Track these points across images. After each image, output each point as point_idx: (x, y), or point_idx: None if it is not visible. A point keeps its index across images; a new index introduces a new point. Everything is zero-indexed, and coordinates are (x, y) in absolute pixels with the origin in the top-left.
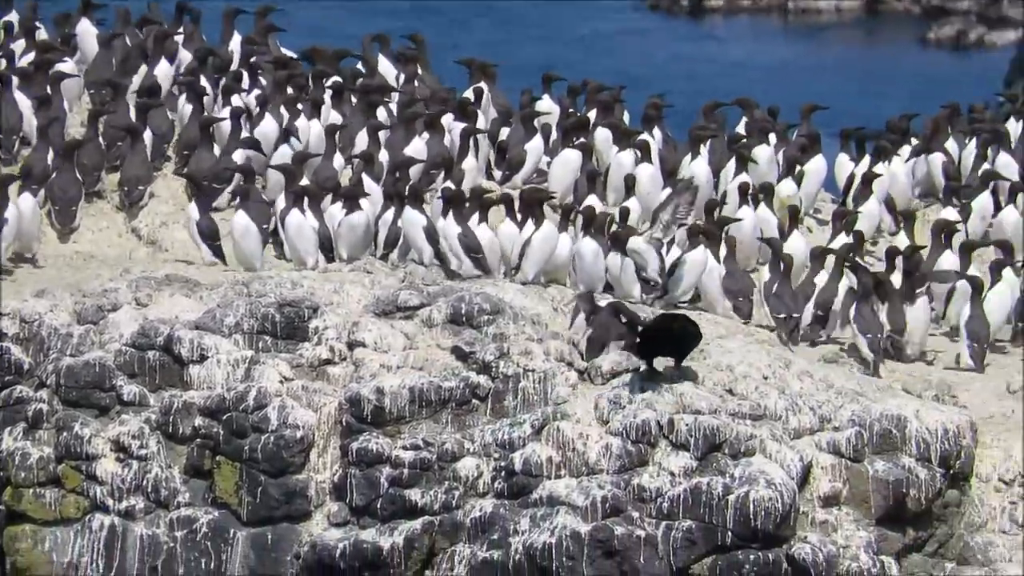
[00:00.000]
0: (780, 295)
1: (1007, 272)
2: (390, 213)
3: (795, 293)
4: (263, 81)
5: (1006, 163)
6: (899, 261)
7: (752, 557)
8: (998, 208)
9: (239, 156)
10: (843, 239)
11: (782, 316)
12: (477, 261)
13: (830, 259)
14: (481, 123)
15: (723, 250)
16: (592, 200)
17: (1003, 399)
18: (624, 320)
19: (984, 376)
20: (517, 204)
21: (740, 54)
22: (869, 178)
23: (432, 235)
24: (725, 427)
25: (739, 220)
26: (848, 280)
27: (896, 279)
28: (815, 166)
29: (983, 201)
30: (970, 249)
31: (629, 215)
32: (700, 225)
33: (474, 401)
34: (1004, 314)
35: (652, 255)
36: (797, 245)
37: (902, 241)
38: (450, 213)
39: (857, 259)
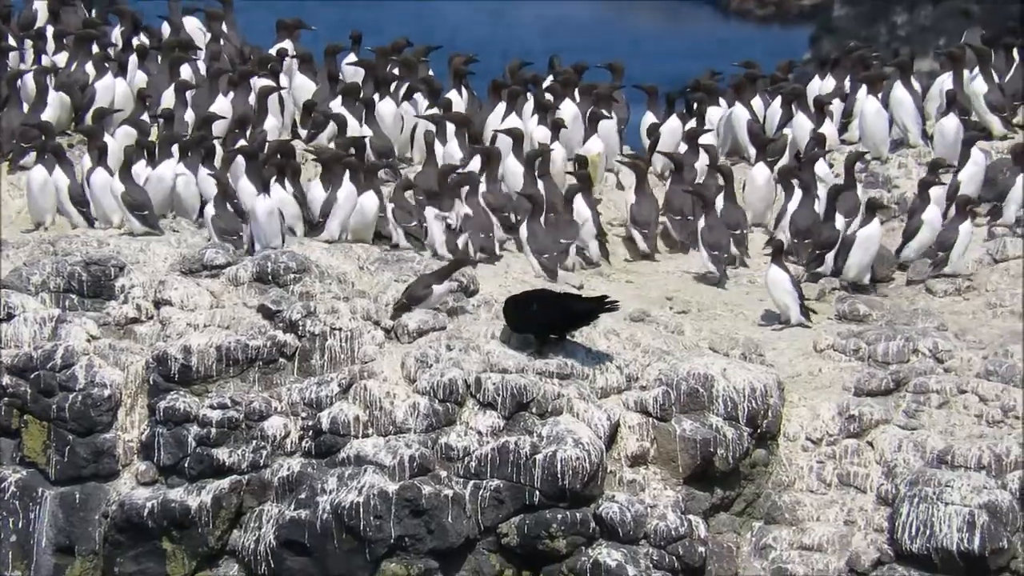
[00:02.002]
0: None
1: None
2: None
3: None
4: (66, 42)
5: (802, 123)
6: None
7: (560, 516)
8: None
9: (49, 114)
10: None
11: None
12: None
13: None
14: (284, 82)
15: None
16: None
17: (810, 358)
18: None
19: (791, 335)
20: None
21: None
22: (694, 134)
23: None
24: (532, 386)
25: None
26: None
27: None
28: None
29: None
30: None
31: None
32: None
33: (281, 360)
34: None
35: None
36: None
37: None
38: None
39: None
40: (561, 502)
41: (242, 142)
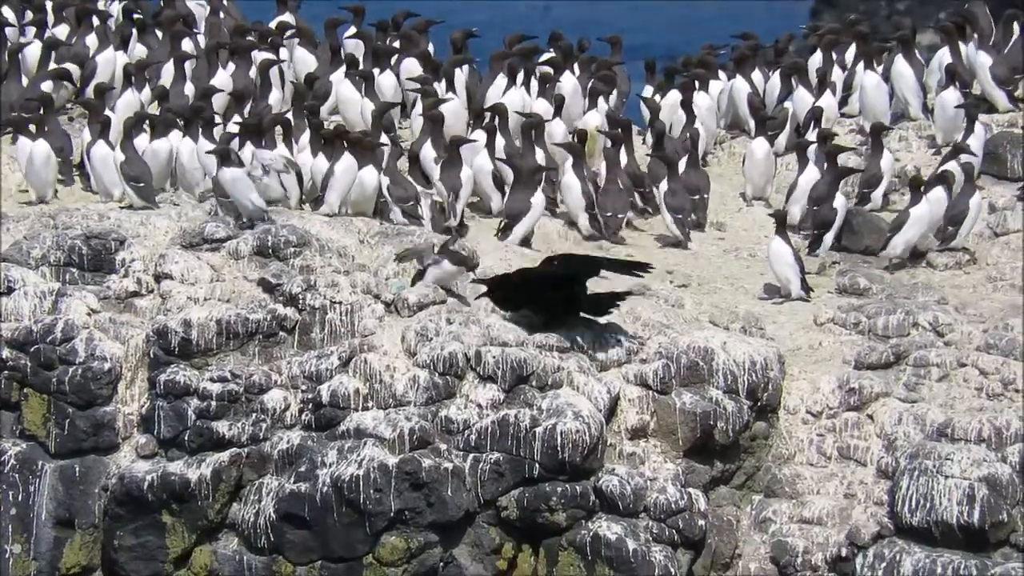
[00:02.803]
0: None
1: None
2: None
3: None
4: (66, 15)
5: (802, 96)
6: None
7: (560, 489)
8: None
9: (47, 86)
10: None
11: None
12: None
13: None
14: (285, 55)
15: None
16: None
17: (810, 331)
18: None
19: (791, 308)
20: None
21: None
22: (687, 103)
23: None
24: (532, 359)
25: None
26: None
27: None
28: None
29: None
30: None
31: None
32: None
33: (281, 333)
34: None
35: None
36: None
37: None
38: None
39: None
40: (561, 475)
41: (237, 117)
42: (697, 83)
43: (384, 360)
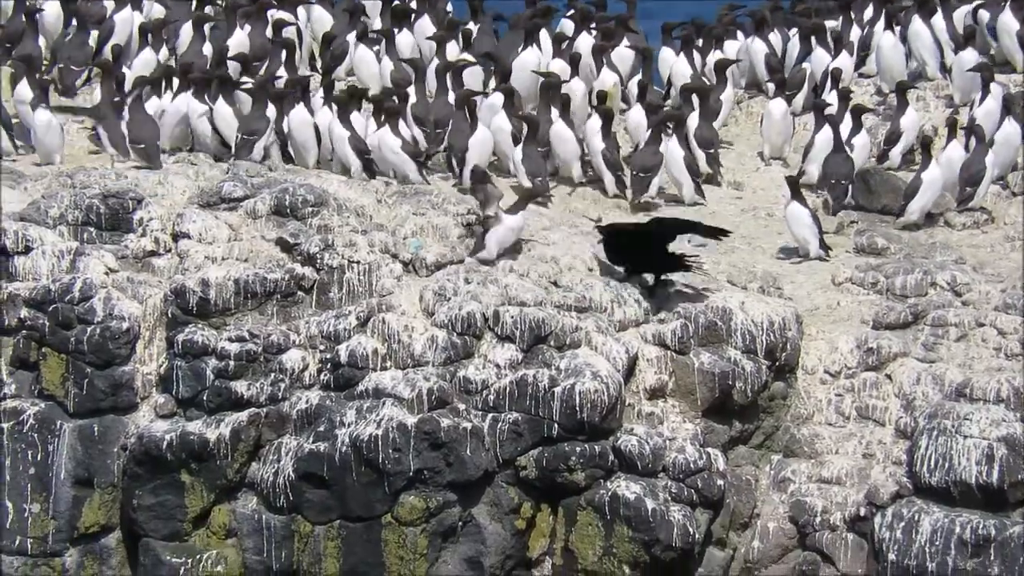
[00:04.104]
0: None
1: None
2: None
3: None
4: None
5: (820, 56)
6: None
7: (578, 449)
8: None
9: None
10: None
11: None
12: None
13: None
14: (302, 15)
15: None
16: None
17: (828, 291)
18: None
19: (809, 268)
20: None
21: None
22: (722, 66)
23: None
24: (550, 319)
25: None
26: None
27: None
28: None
29: None
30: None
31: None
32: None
33: (299, 293)
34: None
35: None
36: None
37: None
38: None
39: None
40: (579, 435)
41: (245, 78)
42: (714, 41)
43: (402, 320)
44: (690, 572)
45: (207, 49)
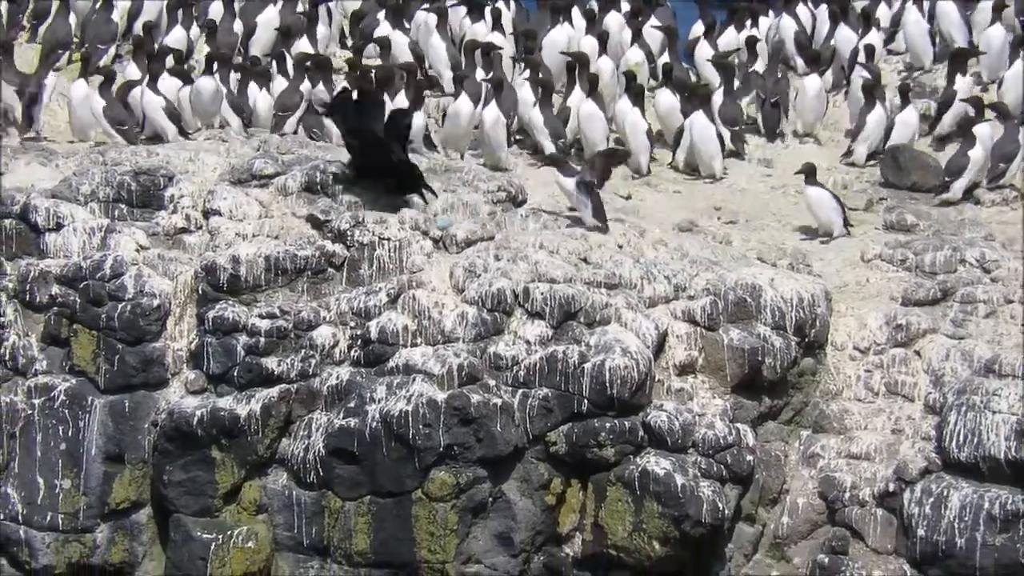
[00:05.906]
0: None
1: None
2: None
3: None
4: None
5: (847, 35)
6: None
7: (608, 425)
8: None
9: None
10: None
11: None
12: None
13: None
14: None
15: None
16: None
17: (857, 268)
18: None
19: (838, 245)
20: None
21: None
22: (752, 42)
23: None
24: (580, 295)
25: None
26: None
27: None
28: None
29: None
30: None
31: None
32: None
33: (330, 270)
34: None
35: None
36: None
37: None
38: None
39: None
40: (609, 411)
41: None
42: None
43: (432, 296)
44: (719, 548)
45: (237, 26)
